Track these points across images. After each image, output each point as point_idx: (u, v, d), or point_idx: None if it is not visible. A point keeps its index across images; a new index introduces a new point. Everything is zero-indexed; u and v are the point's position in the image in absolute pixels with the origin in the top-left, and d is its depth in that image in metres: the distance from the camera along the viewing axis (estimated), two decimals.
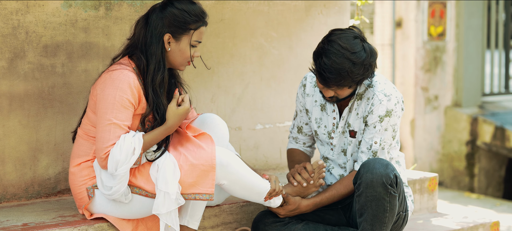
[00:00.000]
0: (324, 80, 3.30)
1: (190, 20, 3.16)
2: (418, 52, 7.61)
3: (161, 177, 3.08)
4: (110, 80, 3.09)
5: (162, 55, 3.16)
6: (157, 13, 3.16)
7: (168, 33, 3.16)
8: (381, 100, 3.37)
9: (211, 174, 3.11)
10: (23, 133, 3.57)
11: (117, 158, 3.03)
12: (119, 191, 3.09)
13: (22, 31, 3.53)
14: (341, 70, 3.24)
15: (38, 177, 3.64)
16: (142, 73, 3.15)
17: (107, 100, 3.06)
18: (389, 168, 3.25)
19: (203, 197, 3.11)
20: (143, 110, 3.16)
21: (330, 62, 3.24)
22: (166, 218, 3.09)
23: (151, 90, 3.14)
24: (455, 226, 4.04)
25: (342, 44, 3.25)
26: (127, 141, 3.05)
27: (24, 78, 3.55)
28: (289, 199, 3.38)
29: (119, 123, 3.06)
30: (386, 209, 3.25)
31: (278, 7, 4.42)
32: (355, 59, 3.25)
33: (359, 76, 3.29)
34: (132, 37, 3.22)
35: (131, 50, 3.20)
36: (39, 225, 3.16)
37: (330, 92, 3.35)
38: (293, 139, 3.71)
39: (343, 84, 3.30)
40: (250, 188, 3.24)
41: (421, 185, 4.28)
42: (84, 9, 3.69)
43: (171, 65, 3.25)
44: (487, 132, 7.53)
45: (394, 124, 3.40)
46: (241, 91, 4.34)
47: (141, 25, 3.18)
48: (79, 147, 3.21)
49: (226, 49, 4.25)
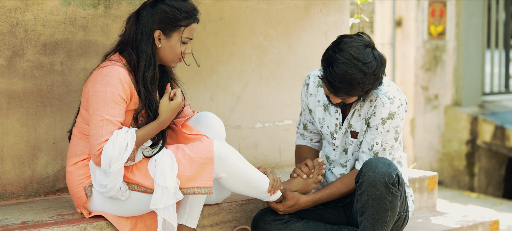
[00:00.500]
0: (334, 89, 3.25)
1: (180, 17, 3.15)
2: (418, 51, 7.60)
3: (159, 171, 3.07)
4: (101, 76, 3.08)
5: (152, 52, 3.15)
6: (148, 9, 3.15)
7: (159, 30, 3.15)
8: (384, 103, 3.35)
9: (210, 167, 3.10)
10: (22, 131, 3.57)
11: (110, 154, 3.02)
12: (114, 188, 3.08)
13: (20, 29, 3.52)
14: (352, 80, 3.20)
15: (37, 175, 3.63)
16: (133, 70, 3.14)
17: (99, 96, 3.05)
18: (392, 167, 3.24)
19: (202, 190, 3.10)
20: (135, 106, 3.15)
21: (342, 73, 3.19)
22: (164, 213, 3.08)
23: (143, 86, 3.13)
24: (454, 225, 4.04)
25: (354, 54, 3.20)
26: (120, 136, 3.04)
27: (23, 77, 3.55)
28: (287, 194, 3.37)
29: (111, 119, 3.05)
30: (388, 209, 3.24)
31: (278, 6, 4.42)
32: (367, 70, 3.20)
33: (369, 86, 3.25)
34: (124, 33, 3.21)
35: (122, 46, 3.19)
36: (37, 223, 3.15)
37: (338, 99, 3.33)
38: (301, 135, 3.70)
39: (353, 94, 3.27)
40: (248, 181, 3.23)
41: (421, 184, 4.27)
42: (83, 7, 3.68)
43: (162, 62, 3.23)
44: (487, 131, 7.52)
45: (397, 126, 3.38)
46: (240, 90, 4.33)
47: (132, 22, 3.18)
48: (74, 146, 3.20)
49: (225, 48, 4.25)
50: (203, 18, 4.10)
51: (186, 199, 3.23)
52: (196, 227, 3.29)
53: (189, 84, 4.03)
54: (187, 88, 3.94)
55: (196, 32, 4.01)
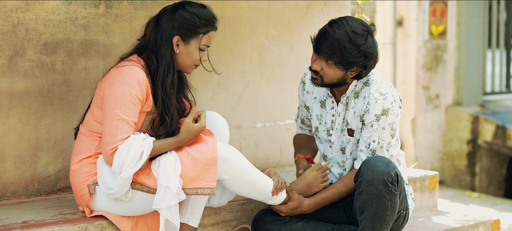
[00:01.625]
0: (317, 45, 3.33)
1: (200, 24, 3.18)
2: (419, 51, 7.60)
3: (162, 171, 3.07)
4: (120, 75, 3.09)
5: (171, 57, 3.18)
6: (168, 15, 3.18)
7: (178, 36, 3.17)
8: (376, 99, 3.36)
9: (213, 168, 3.10)
10: (23, 130, 3.57)
11: (123, 159, 3.02)
12: (121, 192, 3.09)
13: (22, 29, 3.53)
14: (336, 41, 3.26)
15: (38, 175, 3.63)
16: (152, 74, 3.16)
17: (116, 95, 3.06)
18: (390, 166, 3.24)
19: (205, 191, 3.10)
20: (149, 108, 3.17)
21: (330, 31, 3.28)
22: (167, 213, 3.08)
23: (161, 91, 3.15)
24: (455, 224, 4.03)
25: (348, 23, 3.29)
26: (136, 142, 3.05)
27: (24, 76, 3.55)
28: (293, 193, 3.36)
29: (127, 119, 3.07)
30: (387, 207, 3.24)
31: (279, 5, 4.42)
32: (353, 38, 3.26)
33: (350, 57, 3.27)
34: (143, 37, 3.23)
35: (141, 50, 3.22)
36: (38, 223, 3.15)
37: (317, 65, 3.34)
38: (299, 127, 3.77)
39: (332, 58, 3.29)
40: (252, 184, 3.23)
41: (422, 183, 4.27)
42: (84, 6, 3.68)
43: (178, 68, 3.25)
44: (488, 131, 7.52)
45: (392, 122, 3.39)
46: (241, 90, 4.33)
47: (152, 26, 3.20)
48: (81, 143, 3.20)
49: (226, 47, 4.25)
50: None
51: (189, 198, 3.23)
52: (197, 226, 3.29)
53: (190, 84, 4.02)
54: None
55: None
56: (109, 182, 3.09)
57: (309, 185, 3.42)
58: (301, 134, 3.76)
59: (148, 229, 3.23)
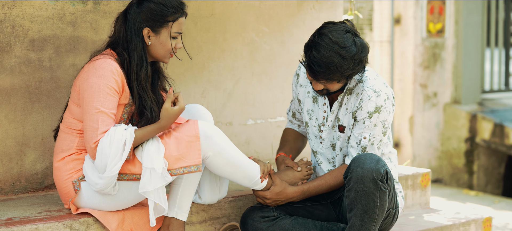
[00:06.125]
0: (313, 74, 3.28)
1: (167, 13, 3.16)
2: (416, 49, 7.58)
3: (146, 154, 3.07)
4: (93, 69, 3.09)
5: (143, 50, 3.17)
6: (135, 8, 3.17)
7: (147, 28, 3.16)
8: (370, 96, 3.35)
9: (196, 144, 3.10)
10: (9, 127, 3.56)
11: (107, 152, 3.01)
12: (108, 187, 3.08)
13: (8, 25, 3.51)
14: (330, 64, 3.22)
15: (25, 172, 3.62)
16: (125, 69, 3.15)
17: (92, 89, 3.06)
18: (380, 163, 3.22)
19: (191, 169, 3.09)
20: (126, 100, 3.16)
21: (320, 56, 3.23)
22: (154, 196, 3.07)
23: (137, 85, 3.14)
24: (446, 222, 4.02)
25: (333, 38, 3.23)
26: (118, 133, 3.04)
27: (11, 73, 3.53)
28: (275, 177, 3.36)
29: (107, 111, 3.06)
30: (376, 205, 3.23)
31: (270, 2, 4.40)
32: (345, 54, 3.23)
33: (348, 71, 3.27)
34: (113, 34, 3.23)
35: (113, 46, 3.21)
36: (23, 220, 3.14)
37: (320, 85, 3.34)
38: (290, 121, 3.75)
39: (332, 79, 3.28)
40: (236, 163, 3.23)
41: (414, 181, 4.25)
42: (72, 3, 3.67)
43: (154, 58, 3.25)
44: (486, 129, 7.49)
45: (384, 119, 3.37)
46: (232, 87, 4.32)
47: (120, 22, 3.20)
48: (62, 142, 3.19)
49: (216, 44, 4.23)
50: (194, 14, 4.09)
51: (177, 191, 3.22)
52: (186, 220, 3.27)
53: (180, 81, 4.02)
54: (178, 85, 3.94)
55: (187, 29, 4.00)
56: (94, 178, 3.08)
57: (293, 175, 3.43)
58: (289, 129, 3.74)
59: (135, 225, 3.22)
